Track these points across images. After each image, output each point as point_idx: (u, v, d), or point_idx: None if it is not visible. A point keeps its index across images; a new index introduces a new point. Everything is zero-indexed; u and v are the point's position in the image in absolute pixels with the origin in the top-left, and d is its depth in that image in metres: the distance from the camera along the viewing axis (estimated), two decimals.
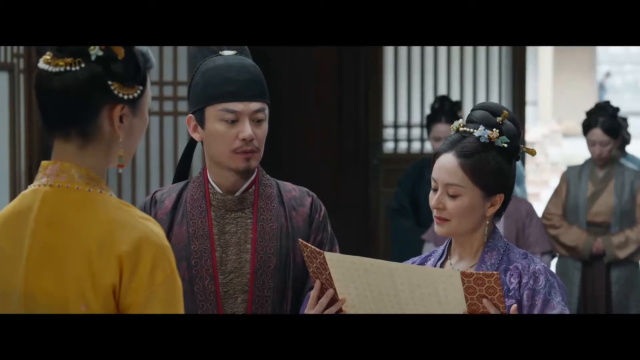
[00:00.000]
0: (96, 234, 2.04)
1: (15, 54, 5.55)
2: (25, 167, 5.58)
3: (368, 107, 7.77)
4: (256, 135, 2.92)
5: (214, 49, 3.00)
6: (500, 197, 2.72)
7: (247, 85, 2.93)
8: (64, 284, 2.03)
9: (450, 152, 2.70)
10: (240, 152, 2.92)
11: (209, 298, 2.93)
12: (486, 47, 7.89)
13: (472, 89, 7.90)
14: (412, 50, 7.88)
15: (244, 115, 2.92)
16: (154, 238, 2.05)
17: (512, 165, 2.73)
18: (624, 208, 6.05)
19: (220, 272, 2.94)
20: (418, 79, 7.90)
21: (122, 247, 2.02)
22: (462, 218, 2.69)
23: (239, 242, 2.96)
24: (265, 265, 2.94)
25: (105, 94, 2.08)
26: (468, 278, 2.49)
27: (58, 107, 2.08)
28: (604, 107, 6.13)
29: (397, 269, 2.56)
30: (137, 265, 2.02)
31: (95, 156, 2.12)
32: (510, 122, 2.72)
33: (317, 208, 3.04)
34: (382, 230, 7.58)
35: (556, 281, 2.68)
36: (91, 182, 2.10)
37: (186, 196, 3.01)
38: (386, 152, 7.84)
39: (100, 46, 2.07)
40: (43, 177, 2.11)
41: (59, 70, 2.06)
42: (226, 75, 2.94)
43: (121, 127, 2.12)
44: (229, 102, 2.92)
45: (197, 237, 2.96)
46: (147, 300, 2.02)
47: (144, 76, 2.13)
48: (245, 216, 2.98)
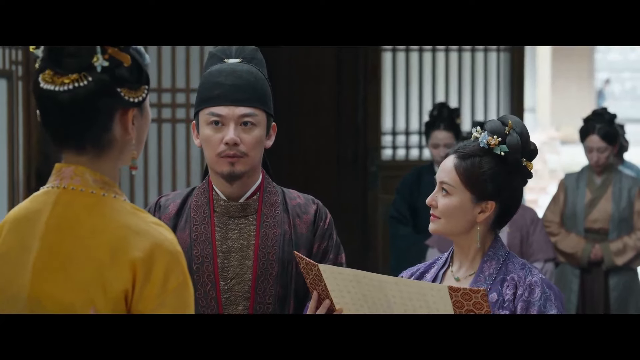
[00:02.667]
0: (109, 239, 2.03)
1: (14, 61, 5.55)
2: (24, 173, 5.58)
3: (366, 113, 7.77)
4: (243, 140, 2.92)
5: (222, 57, 3.01)
6: (492, 205, 2.72)
7: (234, 89, 2.93)
8: (71, 289, 2.02)
9: (453, 153, 2.77)
10: (224, 155, 2.92)
11: (210, 304, 2.93)
12: (484, 53, 7.89)
13: (470, 96, 7.91)
14: (411, 57, 7.89)
15: (229, 119, 2.92)
16: (167, 245, 2.05)
17: (511, 177, 2.74)
18: (622, 215, 6.05)
19: (221, 279, 2.94)
20: (416, 85, 7.91)
21: (135, 253, 2.02)
22: (450, 217, 2.72)
23: (242, 248, 2.96)
24: (267, 272, 2.94)
25: (116, 102, 2.08)
26: (456, 293, 2.51)
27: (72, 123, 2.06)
28: (601, 113, 6.13)
29: (388, 282, 2.58)
30: (151, 272, 2.02)
31: (109, 164, 2.12)
32: (518, 135, 2.73)
33: (322, 216, 3.04)
34: (380, 237, 7.58)
35: (553, 293, 2.68)
36: (105, 186, 2.10)
37: (191, 202, 3.02)
38: (384, 158, 7.84)
39: (104, 55, 2.06)
40: (56, 180, 2.10)
41: (66, 88, 2.04)
42: (215, 79, 2.95)
43: (133, 129, 2.12)
44: (214, 106, 2.93)
45: (199, 242, 2.96)
46: (159, 307, 2.02)
47: (146, 75, 2.14)
48: (249, 222, 2.98)
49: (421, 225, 5.91)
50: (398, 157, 7.90)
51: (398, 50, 7.86)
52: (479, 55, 7.92)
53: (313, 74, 7.78)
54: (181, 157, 6.45)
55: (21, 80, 5.59)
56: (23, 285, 2.06)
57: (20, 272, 2.07)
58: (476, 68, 7.92)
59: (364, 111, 7.78)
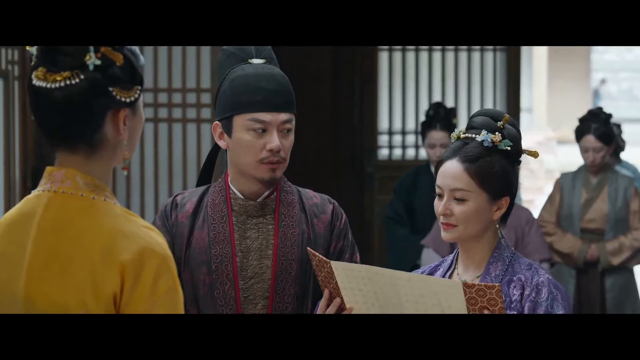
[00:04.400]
0: (99, 242, 2.03)
1: (10, 61, 5.55)
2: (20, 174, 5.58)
3: (363, 113, 7.78)
4: (283, 146, 2.92)
5: (243, 57, 2.99)
6: (507, 200, 2.74)
7: (275, 95, 2.93)
8: (65, 291, 2.02)
9: (454, 158, 2.72)
10: (267, 162, 2.92)
11: (229, 303, 2.93)
12: (481, 53, 7.90)
13: (466, 95, 7.91)
14: (407, 57, 7.89)
15: (272, 126, 2.91)
16: (158, 248, 2.04)
17: (515, 169, 2.76)
18: (618, 215, 6.06)
19: (240, 278, 2.94)
20: (413, 85, 7.91)
21: (125, 255, 2.01)
22: (469, 223, 2.70)
23: (261, 247, 2.96)
24: (287, 271, 2.95)
25: (108, 101, 2.08)
26: (470, 289, 2.50)
27: (63, 121, 2.06)
28: (596, 113, 6.13)
29: (400, 278, 2.57)
30: (140, 275, 2.01)
31: (101, 164, 2.11)
32: (511, 126, 2.74)
33: (338, 216, 3.05)
34: (377, 238, 7.58)
35: (560, 293, 2.68)
36: (96, 189, 2.09)
37: (207, 200, 3.01)
38: (381, 158, 7.84)
39: (96, 54, 2.06)
40: (47, 183, 2.11)
41: (58, 85, 2.04)
42: (255, 84, 2.93)
43: (125, 130, 2.12)
44: (257, 112, 2.91)
45: (218, 241, 2.96)
46: (149, 310, 2.01)
47: (140, 76, 2.13)
48: (267, 222, 2.98)
49: (418, 226, 5.91)
50: (394, 157, 7.91)
51: (394, 50, 7.87)
52: (475, 55, 7.92)
53: (309, 74, 7.78)
54: (177, 157, 6.44)
55: (18, 80, 5.58)
56: (19, 287, 2.06)
57: (16, 273, 2.07)
58: (473, 68, 7.93)
59: (360, 111, 7.78)
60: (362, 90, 7.77)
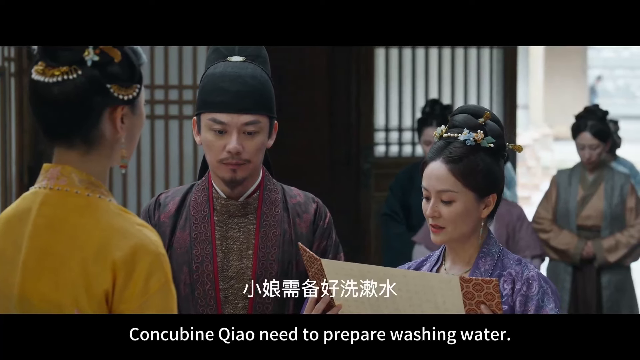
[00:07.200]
0: (94, 240, 2.03)
1: (7, 58, 5.54)
2: (17, 171, 5.58)
3: (359, 110, 7.77)
4: (245, 148, 2.90)
5: (225, 53, 2.97)
6: (494, 197, 2.73)
7: (238, 97, 2.90)
8: (59, 288, 2.02)
9: (438, 159, 2.72)
10: (226, 163, 2.90)
11: (210, 303, 2.92)
12: (477, 50, 7.90)
13: (463, 92, 7.91)
14: (404, 54, 7.89)
15: (232, 127, 2.89)
16: (151, 246, 2.04)
17: (500, 165, 2.75)
18: (614, 212, 6.06)
19: (221, 278, 2.93)
20: (409, 82, 7.91)
21: (117, 253, 2.01)
22: (458, 223, 2.70)
23: (241, 247, 2.95)
24: (267, 271, 2.93)
25: (105, 98, 2.07)
26: (467, 284, 2.50)
27: (60, 117, 2.07)
28: (593, 110, 6.14)
29: (394, 274, 2.57)
30: (133, 272, 2.01)
31: (98, 161, 2.11)
32: (493, 122, 2.74)
33: (321, 215, 3.03)
34: (373, 235, 7.58)
35: (550, 287, 2.68)
36: (91, 186, 2.09)
37: (190, 200, 3.00)
38: (377, 155, 7.84)
39: (95, 50, 2.06)
40: (43, 180, 2.11)
41: (56, 80, 2.05)
42: (219, 84, 2.91)
43: (123, 128, 2.12)
44: (217, 113, 2.90)
45: (199, 241, 2.95)
46: (141, 308, 2.01)
47: (139, 74, 2.13)
48: (249, 222, 2.97)
49: (414, 223, 5.91)
50: (391, 154, 7.91)
51: (391, 47, 7.87)
52: (471, 52, 7.92)
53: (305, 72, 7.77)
54: (174, 154, 6.44)
55: (14, 77, 5.58)
56: (14, 284, 2.06)
57: (12, 271, 2.07)
58: (469, 65, 7.93)
59: (356, 108, 7.78)
60: (358, 88, 7.77)
